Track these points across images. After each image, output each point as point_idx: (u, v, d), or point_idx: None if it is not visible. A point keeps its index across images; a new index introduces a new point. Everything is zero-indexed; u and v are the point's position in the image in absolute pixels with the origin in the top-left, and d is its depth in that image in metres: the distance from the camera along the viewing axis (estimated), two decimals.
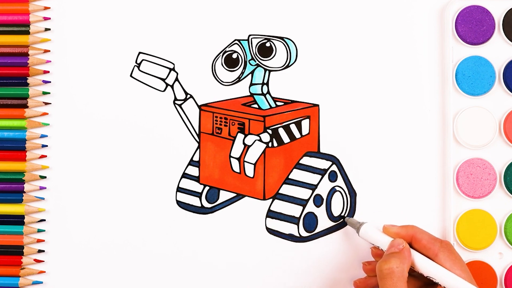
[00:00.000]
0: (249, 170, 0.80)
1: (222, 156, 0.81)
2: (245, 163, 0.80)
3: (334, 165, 0.80)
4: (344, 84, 0.81)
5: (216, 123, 0.81)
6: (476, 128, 0.80)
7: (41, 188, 0.81)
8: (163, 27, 0.82)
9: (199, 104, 0.81)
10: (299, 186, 0.80)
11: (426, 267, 0.72)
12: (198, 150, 0.81)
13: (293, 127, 0.81)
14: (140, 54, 0.81)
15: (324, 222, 0.80)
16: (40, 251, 0.81)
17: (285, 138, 0.81)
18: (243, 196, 0.81)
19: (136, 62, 0.81)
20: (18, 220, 0.80)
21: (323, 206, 0.80)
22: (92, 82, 0.81)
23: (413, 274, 0.74)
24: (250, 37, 0.81)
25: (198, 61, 0.81)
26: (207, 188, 0.81)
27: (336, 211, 0.80)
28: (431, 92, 0.81)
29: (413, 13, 0.81)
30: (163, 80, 0.81)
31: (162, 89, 0.81)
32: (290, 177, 0.80)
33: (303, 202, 0.80)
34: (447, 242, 0.74)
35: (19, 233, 0.80)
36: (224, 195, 0.81)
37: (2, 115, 0.81)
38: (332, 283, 0.80)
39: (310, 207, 0.80)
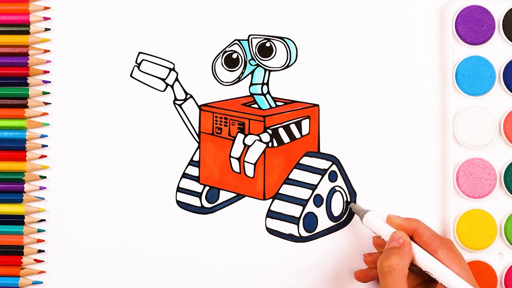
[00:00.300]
0: (249, 170, 0.80)
1: (222, 156, 0.81)
2: (245, 163, 0.80)
3: (334, 165, 0.80)
4: (344, 84, 0.81)
5: (216, 123, 0.81)
6: (476, 128, 0.80)
7: (41, 188, 0.81)
8: (163, 27, 0.82)
9: (199, 104, 0.81)
10: (299, 186, 0.80)
11: (425, 262, 0.72)
12: (198, 150, 0.81)
13: (293, 127, 0.81)
14: (140, 54, 0.81)
15: (324, 222, 0.80)
16: (40, 251, 0.81)
17: (285, 138, 0.81)
18: (243, 196, 0.81)
19: (136, 62, 0.81)
20: (18, 220, 0.80)
21: (323, 206, 0.80)
22: (92, 82, 0.81)
23: (414, 269, 0.74)
24: (250, 37, 0.81)
25: (198, 61, 0.81)
26: (207, 188, 0.81)
27: (336, 211, 0.80)
28: (431, 92, 0.81)
29: (413, 13, 0.81)
30: (163, 80, 0.81)
31: (162, 89, 0.81)
32: (290, 177, 0.80)
33: (303, 202, 0.80)
34: (448, 239, 0.74)
35: (19, 233, 0.80)
36: (224, 195, 0.81)
37: (2, 115, 0.81)
38: (332, 283, 0.80)
39: (310, 207, 0.80)
